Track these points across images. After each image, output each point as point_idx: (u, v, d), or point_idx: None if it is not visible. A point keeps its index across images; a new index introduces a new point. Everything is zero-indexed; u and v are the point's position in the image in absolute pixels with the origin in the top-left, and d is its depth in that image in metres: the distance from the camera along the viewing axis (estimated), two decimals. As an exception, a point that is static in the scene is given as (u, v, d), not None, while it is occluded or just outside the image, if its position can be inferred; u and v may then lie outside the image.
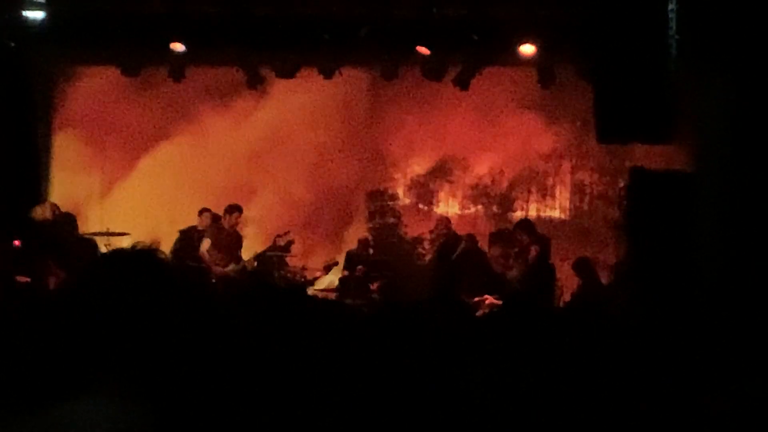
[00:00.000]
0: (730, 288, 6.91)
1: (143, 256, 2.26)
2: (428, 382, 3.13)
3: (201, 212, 12.79)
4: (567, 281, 11.92)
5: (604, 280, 11.57)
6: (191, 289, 2.20)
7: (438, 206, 14.83)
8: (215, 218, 12.76)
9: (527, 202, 14.45)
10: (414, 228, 14.77)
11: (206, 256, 12.08)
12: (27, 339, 2.93)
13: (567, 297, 11.72)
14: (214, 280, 11.67)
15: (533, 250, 11.00)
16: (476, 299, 9.88)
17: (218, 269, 11.96)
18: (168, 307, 2.18)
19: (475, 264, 11.02)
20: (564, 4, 10.49)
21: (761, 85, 6.94)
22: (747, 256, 6.78)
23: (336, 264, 13.58)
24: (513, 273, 10.47)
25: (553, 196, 14.36)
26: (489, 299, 9.88)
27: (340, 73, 12.95)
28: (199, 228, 12.67)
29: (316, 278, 13.51)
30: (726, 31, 7.07)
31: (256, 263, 12.54)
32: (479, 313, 8.97)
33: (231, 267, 12.13)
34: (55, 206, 11.06)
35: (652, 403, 3.34)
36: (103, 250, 12.12)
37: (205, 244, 12.16)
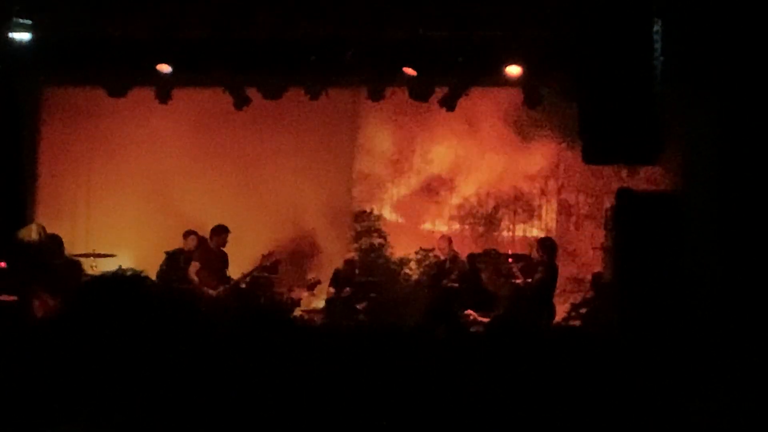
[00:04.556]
0: (716, 307, 6.93)
1: (134, 281, 2.26)
2: (420, 401, 3.13)
3: (186, 234, 12.75)
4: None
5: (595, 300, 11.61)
6: (184, 312, 2.20)
7: (424, 226, 14.80)
8: (201, 240, 12.72)
9: (513, 222, 14.45)
10: (400, 248, 14.74)
11: (195, 278, 12.07)
12: (14, 364, 2.91)
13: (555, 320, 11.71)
14: (204, 302, 11.62)
15: (539, 273, 11.02)
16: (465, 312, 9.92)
17: (209, 291, 11.94)
18: (161, 332, 2.18)
19: (471, 283, 11.03)
20: (550, 25, 10.55)
21: (745, 107, 6.99)
22: (734, 276, 6.81)
23: (319, 283, 13.54)
24: (506, 292, 10.45)
25: (539, 217, 14.37)
26: (473, 315, 9.89)
27: (327, 95, 12.96)
28: (186, 250, 12.63)
29: (302, 299, 13.46)
30: (711, 52, 7.13)
31: (244, 284, 12.50)
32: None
33: (221, 288, 12.11)
34: (41, 228, 11.00)
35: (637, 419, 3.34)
36: (90, 272, 12.09)
37: (194, 267, 12.15)
